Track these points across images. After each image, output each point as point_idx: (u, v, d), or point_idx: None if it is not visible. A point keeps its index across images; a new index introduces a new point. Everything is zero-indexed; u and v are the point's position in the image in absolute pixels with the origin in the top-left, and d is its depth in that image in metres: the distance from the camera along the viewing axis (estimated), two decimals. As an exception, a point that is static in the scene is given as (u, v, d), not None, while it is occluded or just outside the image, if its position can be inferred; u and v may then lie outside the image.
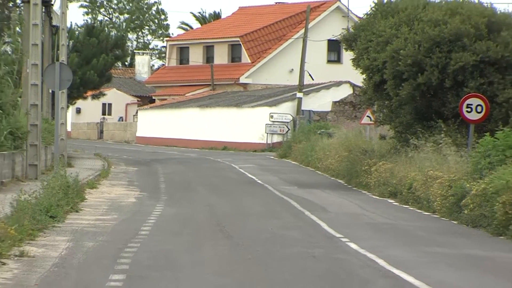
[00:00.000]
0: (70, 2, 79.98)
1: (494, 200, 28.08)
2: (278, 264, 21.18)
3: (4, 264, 18.89)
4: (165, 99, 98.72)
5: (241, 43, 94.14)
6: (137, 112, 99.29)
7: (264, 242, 25.05)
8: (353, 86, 73.60)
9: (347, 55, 56.40)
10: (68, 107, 67.28)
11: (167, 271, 19.42)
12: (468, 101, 37.72)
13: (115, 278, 17.79)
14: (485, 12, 43.17)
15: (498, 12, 44.08)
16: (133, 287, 17.29)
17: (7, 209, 24.22)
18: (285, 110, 77.49)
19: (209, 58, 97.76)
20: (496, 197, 28.03)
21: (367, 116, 55.52)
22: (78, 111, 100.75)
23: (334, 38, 76.66)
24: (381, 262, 21.20)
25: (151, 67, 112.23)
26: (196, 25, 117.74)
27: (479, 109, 37.60)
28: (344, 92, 79.37)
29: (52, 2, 54.76)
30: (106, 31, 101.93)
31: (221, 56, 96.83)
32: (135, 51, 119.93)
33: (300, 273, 19.92)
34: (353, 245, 24.20)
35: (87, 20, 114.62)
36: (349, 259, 21.93)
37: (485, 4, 44.74)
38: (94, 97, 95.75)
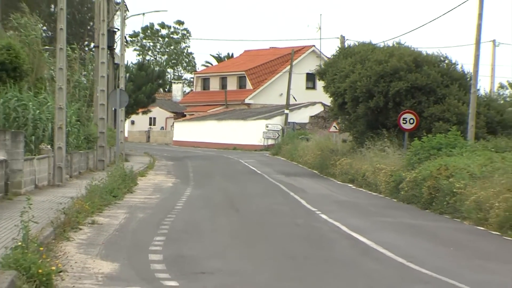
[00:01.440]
0: (127, 47, 79.25)
1: (422, 185, 28.84)
2: (272, 229, 22.08)
3: (80, 229, 19.51)
4: (193, 114, 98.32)
5: (246, 75, 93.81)
6: (173, 124, 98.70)
7: (262, 214, 25.88)
8: (324, 105, 73.18)
9: (320, 84, 56.22)
10: (125, 120, 67.18)
11: (193, 234, 20.29)
12: (404, 116, 38.45)
13: (157, 239, 18.61)
14: (413, 54, 44.46)
15: (422, 53, 44.10)
16: (169, 246, 17.68)
17: (83, 190, 24.24)
18: (277, 122, 77.18)
19: (223, 86, 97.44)
20: (423, 183, 28.82)
21: (334, 126, 55.46)
22: (133, 122, 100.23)
23: (311, 72, 76.09)
24: (343, 228, 22.03)
25: (183, 92, 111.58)
26: (214, 62, 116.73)
27: (411, 121, 38.30)
28: (317, 109, 78.97)
29: (114, 47, 54.65)
30: (152, 67, 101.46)
31: (232, 84, 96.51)
32: (172, 80, 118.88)
33: (289, 235, 20.79)
34: (324, 216, 24.99)
35: (138, 59, 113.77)
36: (321, 226, 22.83)
37: (413, 48, 44.79)
38: (144, 113, 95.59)
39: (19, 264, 11.73)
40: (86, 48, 70.94)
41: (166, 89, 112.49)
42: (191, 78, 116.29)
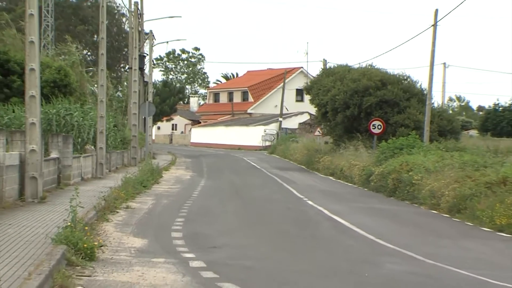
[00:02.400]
0: (154, 68, 79.26)
1: (387, 177, 28.95)
2: (269, 212, 22.08)
3: (117, 212, 19.60)
4: (206, 122, 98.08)
5: (248, 90, 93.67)
6: (190, 129, 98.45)
7: (261, 200, 25.80)
8: (310, 114, 72.92)
9: (307, 97, 55.98)
10: (152, 125, 67.19)
11: (207, 217, 20.25)
12: (373, 123, 38.56)
13: (178, 220, 18.58)
14: (381, 74, 44.25)
15: (389, 73, 44.19)
16: (187, 225, 17.59)
17: (120, 182, 24.25)
18: (272, 128, 76.88)
19: (230, 99, 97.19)
20: (388, 175, 28.95)
21: (318, 131, 55.66)
22: (159, 128, 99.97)
23: (299, 88, 76.52)
24: (326, 211, 21.94)
25: (198, 104, 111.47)
26: (223, 80, 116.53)
27: (379, 127, 38.31)
28: (305, 118, 78.69)
29: (144, 68, 54.73)
30: (174, 84, 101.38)
31: (237, 98, 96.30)
32: (190, 95, 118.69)
33: (282, 217, 20.84)
34: (310, 202, 24.84)
35: (163, 78, 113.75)
36: (308, 210, 22.69)
37: (381, 69, 45.01)
38: (167, 120, 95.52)
39: (68, 240, 11.73)
40: (122, 69, 71.08)
41: (185, 102, 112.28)
42: (205, 93, 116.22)
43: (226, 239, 15.49)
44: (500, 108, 74.86)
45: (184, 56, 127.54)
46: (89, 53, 70.92)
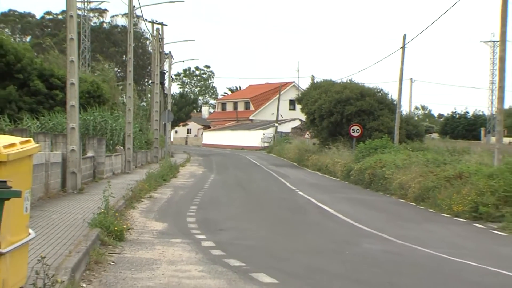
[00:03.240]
0: (172, 82, 79.33)
1: (364, 172, 29.11)
2: (267, 201, 22.14)
3: (142, 201, 19.62)
4: (215, 126, 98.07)
5: (250, 101, 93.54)
6: (202, 132, 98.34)
7: (260, 191, 25.84)
8: (301, 120, 72.68)
9: (298, 106, 56.00)
10: (171, 130, 67.18)
11: (215, 205, 20.19)
12: (353, 127, 38.60)
13: (192, 208, 18.60)
14: (359, 88, 44.09)
15: (366, 86, 44.30)
16: (200, 212, 17.58)
17: (144, 176, 24.23)
18: (270, 131, 76.70)
19: (235, 108, 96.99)
20: (365, 171, 29.07)
21: (307, 134, 55.46)
22: (176, 131, 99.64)
23: (292, 99, 76.34)
24: (314, 201, 21.98)
25: (209, 112, 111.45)
26: (229, 92, 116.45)
27: (358, 131, 38.19)
28: (296, 123, 78.38)
29: (164, 83, 54.76)
30: (189, 95, 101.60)
31: (241, 107, 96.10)
32: (202, 104, 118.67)
33: (278, 205, 20.75)
34: (301, 193, 24.84)
35: (180, 91, 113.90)
36: (300, 200, 22.67)
37: (360, 83, 45.11)
38: (183, 125, 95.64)
39: (101, 224, 11.69)
40: (146, 83, 71.13)
41: (198, 110, 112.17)
42: (214, 103, 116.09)
43: (231, 223, 15.42)
44: (457, 116, 75.15)
45: (197, 72, 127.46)
46: (118, 70, 70.85)
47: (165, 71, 55.21)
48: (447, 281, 9.51)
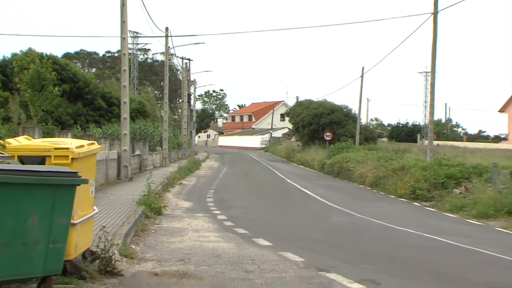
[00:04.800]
0: (196, 101, 79.18)
1: (334, 165, 29.03)
2: (264, 187, 21.79)
3: (174, 186, 19.65)
4: (227, 133, 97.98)
5: (252, 114, 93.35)
6: (218, 137, 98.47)
7: (259, 180, 25.39)
8: (289, 129, 72.64)
9: (287, 119, 55.97)
10: (195, 135, 67.01)
11: (227, 189, 20.02)
12: (326, 133, 39.25)
13: (210, 191, 18.63)
14: (331, 105, 43.28)
15: (336, 104, 44.20)
16: (216, 194, 17.42)
17: (176, 168, 24.30)
18: (266, 136, 76.31)
19: (241, 119, 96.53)
20: (335, 164, 28.99)
21: (293, 138, 55.24)
22: (199, 136, 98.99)
23: (283, 113, 76.28)
24: (298, 186, 21.83)
25: (223, 122, 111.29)
26: (237, 108, 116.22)
27: (329, 136, 38.19)
28: (285, 130, 76.92)
29: (191, 101, 54.59)
30: (208, 110, 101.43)
31: (245, 118, 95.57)
32: (217, 117, 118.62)
33: (272, 190, 20.40)
34: (289, 181, 24.66)
35: (202, 107, 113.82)
36: (288, 186, 22.42)
37: (331, 102, 44.69)
38: (204, 132, 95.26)
39: (145, 203, 11.69)
40: (177, 102, 71.04)
41: (215, 121, 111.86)
42: (226, 116, 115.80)
43: (239, 202, 15.22)
44: (400, 125, 75.14)
45: (214, 94, 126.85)
46: (157, 92, 70.74)
47: (191, 93, 54.97)
48: (394, 243, 9.43)
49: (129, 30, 40.29)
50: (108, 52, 76.56)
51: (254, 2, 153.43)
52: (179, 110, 56.76)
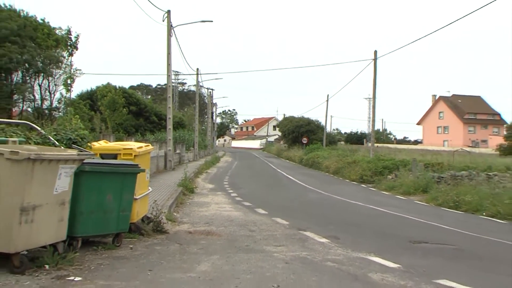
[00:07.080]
0: (217, 117, 78.94)
1: (309, 160, 28.27)
2: (262, 175, 20.74)
3: (202, 174, 18.97)
4: (237, 138, 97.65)
5: (254, 126, 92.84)
6: (231, 141, 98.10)
7: (259, 170, 24.67)
8: (278, 136, 72.78)
9: (277, 129, 55.70)
10: (216, 139, 66.50)
11: (237, 176, 19.16)
12: (303, 138, 38.82)
13: (226, 177, 18.10)
14: (307, 120, 41.40)
15: (311, 119, 42.37)
16: (230, 179, 16.90)
17: (203, 162, 24.04)
18: (264, 141, 76.30)
19: (247, 129, 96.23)
20: (309, 159, 28.29)
21: (282, 142, 54.85)
22: (218, 140, 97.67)
23: (274, 125, 75.86)
24: (285, 174, 21.29)
25: (235, 131, 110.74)
26: (244, 121, 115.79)
27: (306, 140, 37.55)
28: (276, 137, 77.94)
29: (213, 118, 54.38)
30: (224, 123, 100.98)
31: (250, 129, 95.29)
32: (231, 128, 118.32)
33: (267, 177, 19.47)
34: (279, 170, 24.00)
35: (220, 121, 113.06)
36: (280, 176, 20.74)
37: (308, 117, 43.27)
38: (222, 137, 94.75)
39: (183, 185, 11.57)
40: (204, 117, 70.88)
41: (229, 130, 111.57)
42: (237, 127, 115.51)
43: (245, 185, 14.73)
44: (353, 133, 75.26)
45: (228, 112, 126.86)
46: (192, 112, 70.88)
47: (213, 112, 55.08)
48: (349, 212, 9.31)
49: (172, 70, 40.37)
50: (158, 84, 77.45)
51: (255, 47, 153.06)
52: (205, 123, 56.67)
